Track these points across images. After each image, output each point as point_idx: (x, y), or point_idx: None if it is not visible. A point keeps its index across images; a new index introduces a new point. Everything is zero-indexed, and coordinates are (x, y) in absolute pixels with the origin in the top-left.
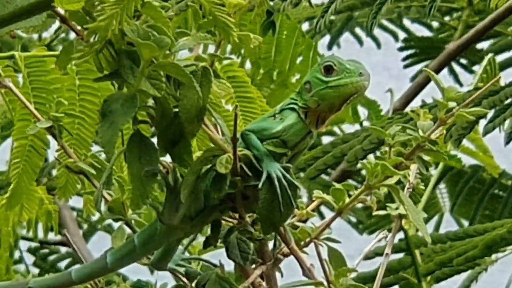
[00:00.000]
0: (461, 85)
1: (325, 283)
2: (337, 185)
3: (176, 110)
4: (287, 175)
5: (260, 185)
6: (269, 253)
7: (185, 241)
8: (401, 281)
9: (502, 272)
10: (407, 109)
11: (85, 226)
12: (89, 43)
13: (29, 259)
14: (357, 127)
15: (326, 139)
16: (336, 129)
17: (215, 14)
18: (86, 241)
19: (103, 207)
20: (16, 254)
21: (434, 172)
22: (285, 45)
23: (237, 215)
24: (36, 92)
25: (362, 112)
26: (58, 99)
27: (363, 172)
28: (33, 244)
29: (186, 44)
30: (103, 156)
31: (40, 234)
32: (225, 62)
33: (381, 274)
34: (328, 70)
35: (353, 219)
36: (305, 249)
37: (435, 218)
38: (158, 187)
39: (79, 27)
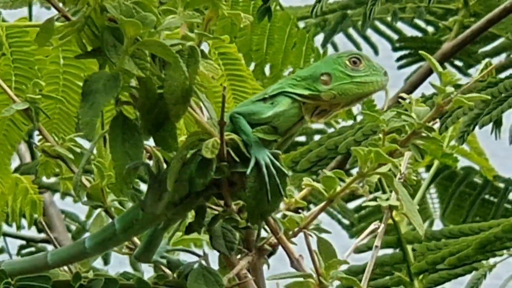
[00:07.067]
0: None
1: (315, 275)
2: (328, 173)
3: (161, 91)
4: (276, 162)
5: (248, 172)
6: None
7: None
8: (393, 278)
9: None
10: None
11: (73, 228)
12: (70, 22)
13: None
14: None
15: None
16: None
17: None
18: None
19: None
20: (5, 257)
21: (426, 176)
22: (278, 37)
23: (222, 203)
24: (18, 63)
25: (356, 107)
26: (36, 80)
27: (353, 171)
28: (19, 242)
29: (172, 22)
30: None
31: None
32: None
33: (371, 266)
34: (355, 63)
35: (346, 221)
36: (294, 239)
37: (426, 224)
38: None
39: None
